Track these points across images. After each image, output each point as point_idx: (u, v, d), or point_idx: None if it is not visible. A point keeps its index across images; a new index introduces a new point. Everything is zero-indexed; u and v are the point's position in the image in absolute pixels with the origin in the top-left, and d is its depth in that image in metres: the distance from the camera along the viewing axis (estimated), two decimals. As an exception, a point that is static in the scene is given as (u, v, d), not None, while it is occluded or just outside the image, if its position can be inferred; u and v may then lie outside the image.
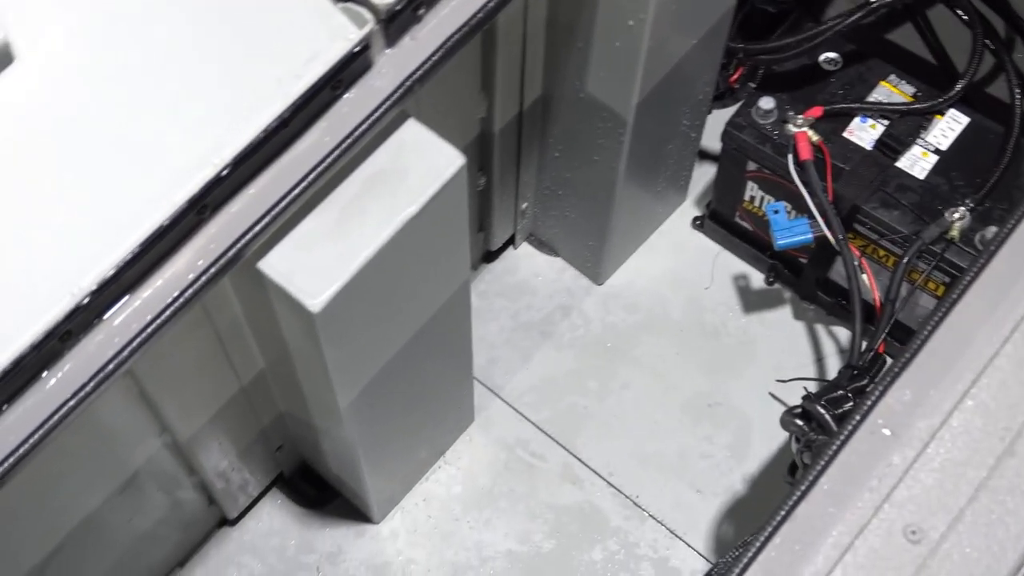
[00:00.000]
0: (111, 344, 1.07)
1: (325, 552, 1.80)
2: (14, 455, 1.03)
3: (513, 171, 1.77)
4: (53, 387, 1.05)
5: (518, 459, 1.86)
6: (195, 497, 1.68)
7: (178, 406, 1.40)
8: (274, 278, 1.14)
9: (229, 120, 1.10)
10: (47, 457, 1.06)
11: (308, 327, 1.17)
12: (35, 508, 1.34)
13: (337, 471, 1.71)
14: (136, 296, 1.08)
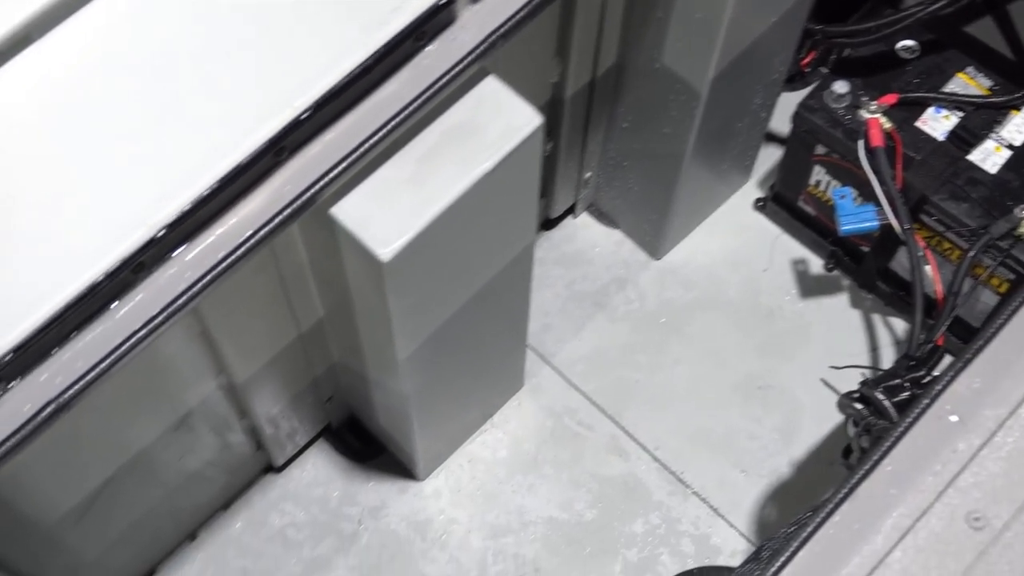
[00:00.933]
0: (182, 279, 1.08)
1: (368, 506, 1.81)
2: (81, 382, 1.04)
3: (580, 139, 1.77)
4: (123, 317, 1.06)
5: (565, 427, 1.86)
6: (244, 441, 1.70)
7: (237, 348, 1.41)
8: (346, 225, 1.14)
9: (312, 65, 1.10)
10: (108, 389, 1.07)
11: (376, 276, 1.18)
12: (93, 438, 1.36)
13: (386, 426, 1.72)
14: (210, 233, 1.09)
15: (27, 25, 1.09)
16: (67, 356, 1.05)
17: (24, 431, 1.02)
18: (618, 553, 1.78)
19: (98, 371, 1.05)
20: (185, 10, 1.11)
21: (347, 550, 1.78)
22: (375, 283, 1.20)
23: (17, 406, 1.03)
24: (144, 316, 1.06)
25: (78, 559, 1.54)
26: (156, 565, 1.77)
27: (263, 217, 1.09)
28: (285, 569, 1.77)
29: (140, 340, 1.06)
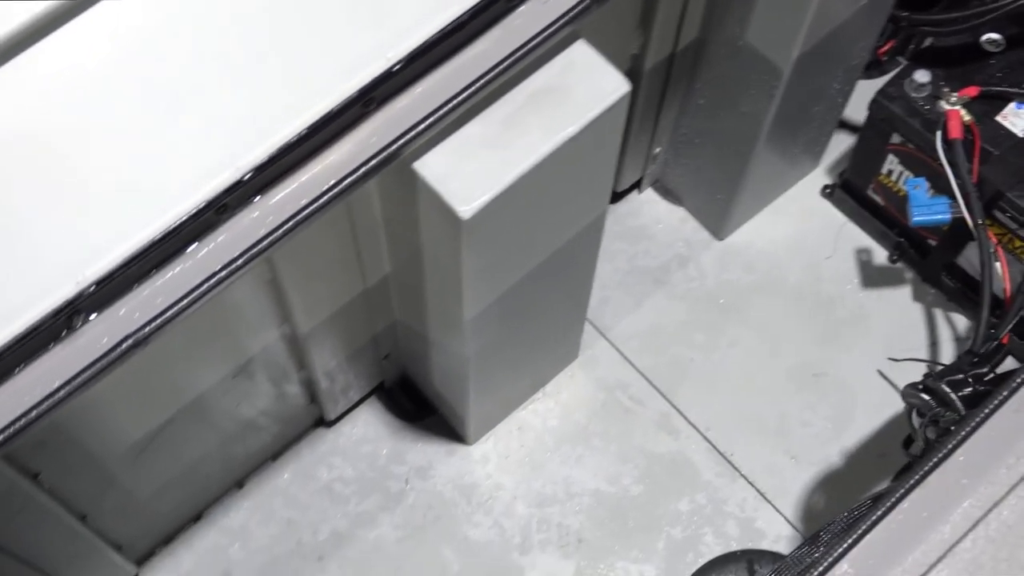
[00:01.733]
0: (263, 223, 1.08)
1: (415, 465, 1.82)
2: (159, 319, 1.05)
3: (653, 113, 1.76)
4: (203, 258, 1.07)
5: (616, 401, 1.86)
6: (299, 393, 1.70)
7: (303, 299, 1.41)
8: (428, 181, 1.14)
9: (406, 17, 1.10)
10: (177, 331, 1.07)
11: (453, 234, 1.17)
12: (158, 378, 1.37)
13: (439, 387, 1.72)
14: (293, 180, 1.09)
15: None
16: (146, 292, 1.05)
17: (100, 364, 1.03)
18: (662, 530, 1.77)
19: (176, 310, 1.05)
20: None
21: (392, 508, 1.79)
22: (451, 241, 1.20)
23: (96, 339, 1.03)
24: (224, 258, 1.07)
25: (131, 497, 1.56)
26: (203, 510, 1.79)
27: (347, 167, 1.09)
28: (330, 523, 1.78)
29: (218, 282, 1.06)
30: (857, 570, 0.96)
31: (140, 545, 1.72)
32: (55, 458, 1.34)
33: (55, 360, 1.03)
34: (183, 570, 1.76)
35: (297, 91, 1.07)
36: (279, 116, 1.06)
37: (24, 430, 1.02)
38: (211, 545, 1.78)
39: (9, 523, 1.32)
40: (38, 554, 1.43)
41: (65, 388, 1.03)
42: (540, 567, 1.75)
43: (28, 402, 1.02)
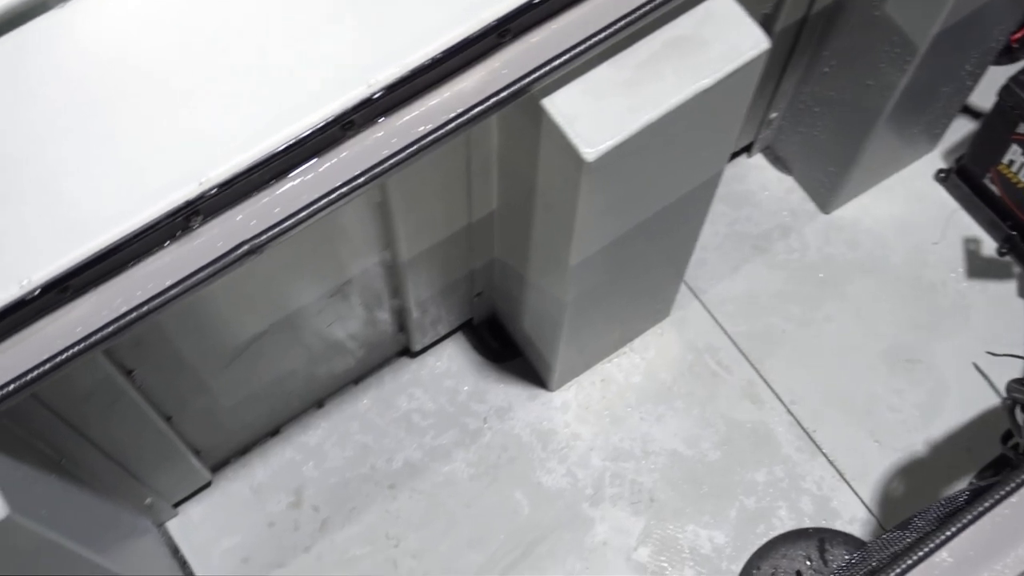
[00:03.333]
0: (387, 144, 1.07)
1: (495, 406, 1.81)
2: (275, 228, 1.05)
3: (775, 77, 1.72)
4: (323, 172, 1.06)
5: (704, 365, 1.84)
6: (389, 321, 1.70)
7: (408, 227, 1.41)
8: (555, 118, 1.13)
9: (550, -49, 1.08)
10: (286, 243, 1.07)
11: (574, 176, 1.16)
12: (259, 290, 1.37)
13: (529, 330, 1.71)
14: (422, 104, 1.08)
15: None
16: (265, 201, 1.05)
17: (212, 268, 1.03)
18: (736, 498, 1.76)
19: (292, 221, 1.05)
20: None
21: (468, 445, 1.79)
22: (570, 183, 1.18)
23: (211, 242, 1.04)
24: (344, 175, 1.06)
25: (215, 404, 1.57)
26: (282, 425, 1.80)
27: (476, 96, 1.08)
28: (405, 452, 1.79)
29: (336, 199, 1.06)
30: (957, 559, 0.94)
31: (217, 452, 1.74)
32: (150, 357, 1.35)
33: (169, 259, 1.04)
34: (256, 481, 1.78)
35: (436, 14, 1.06)
36: (415, 38, 1.05)
37: (131, 325, 1.02)
38: (286, 460, 1.79)
39: (101, 417, 1.34)
40: (123, 450, 1.45)
41: (176, 288, 1.03)
42: (609, 520, 1.74)
43: (139, 297, 1.02)
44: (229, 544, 1.75)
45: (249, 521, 1.76)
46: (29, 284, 0.98)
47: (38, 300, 0.99)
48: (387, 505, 1.76)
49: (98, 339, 1.02)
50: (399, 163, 1.07)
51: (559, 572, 1.72)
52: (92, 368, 1.25)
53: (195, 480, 1.72)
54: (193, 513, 1.76)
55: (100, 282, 1.02)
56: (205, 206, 1.03)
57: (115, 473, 1.48)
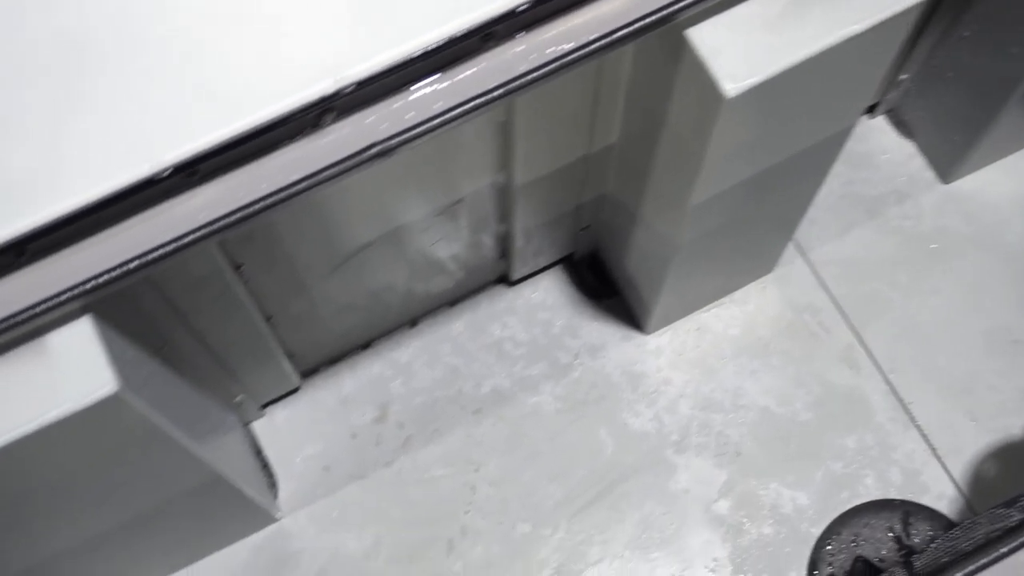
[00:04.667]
0: (525, 59, 1.05)
1: (588, 343, 1.80)
2: (406, 134, 1.04)
3: (911, 37, 1.67)
4: (460, 81, 1.05)
5: (803, 324, 1.81)
6: (492, 246, 1.69)
7: (527, 150, 1.39)
8: (698, 49, 1.10)
9: None
10: (406, 155, 1.06)
11: (709, 111, 1.13)
12: (372, 200, 1.37)
13: (632, 270, 1.69)
14: (564, 22, 1.06)
15: None
16: (398, 105, 1.04)
17: (340, 167, 1.03)
18: (823, 462, 1.73)
19: (423, 128, 1.04)
20: None
21: (557, 379, 1.78)
22: (706, 119, 1.15)
23: (341, 141, 1.03)
24: (479, 87, 1.05)
25: (315, 310, 1.57)
26: (374, 340, 1.80)
27: (621, 20, 1.06)
28: (493, 379, 1.78)
29: (469, 109, 1.05)
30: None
31: (309, 359, 1.75)
32: (260, 255, 1.36)
33: (297, 154, 1.03)
34: (344, 392, 1.79)
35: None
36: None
37: (253, 216, 1.02)
38: (375, 375, 1.80)
39: (206, 307, 1.35)
40: (222, 344, 1.46)
41: (301, 183, 1.03)
42: (692, 469, 1.73)
43: (263, 189, 1.02)
44: (311, 451, 1.76)
45: (333, 430, 1.77)
46: (160, 164, 0.98)
47: (167, 180, 0.99)
48: (471, 430, 1.76)
49: (220, 227, 1.02)
50: (535, 80, 1.05)
51: (637, 514, 1.71)
52: (205, 257, 1.25)
53: (285, 384, 1.73)
54: (279, 416, 1.78)
55: (228, 170, 1.02)
56: (339, 104, 1.02)
57: (211, 367, 1.49)
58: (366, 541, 1.71)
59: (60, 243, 1.00)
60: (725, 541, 1.69)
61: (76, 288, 0.99)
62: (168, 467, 1.27)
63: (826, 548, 1.69)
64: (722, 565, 1.68)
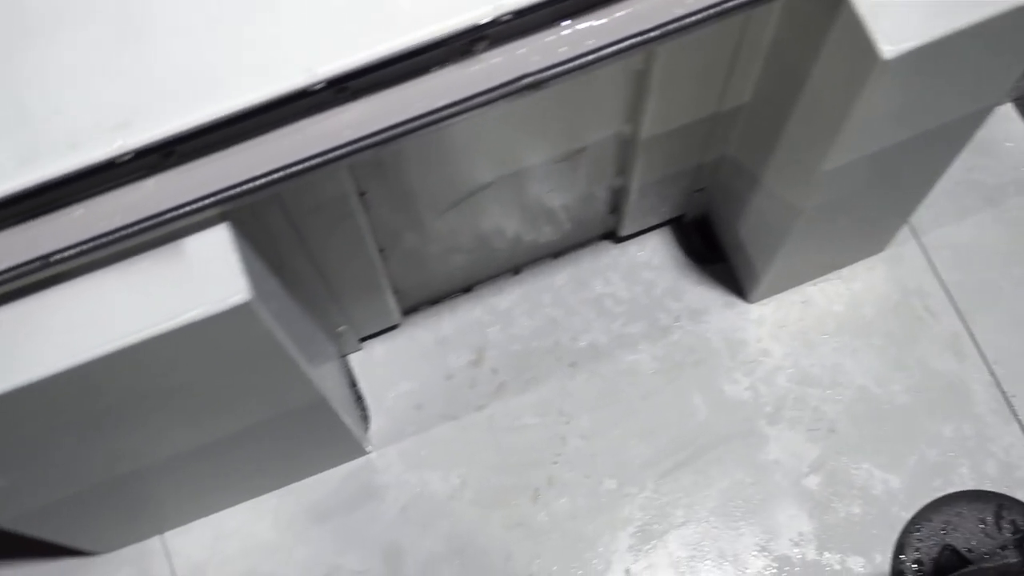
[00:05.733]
0: (681, 3, 1.04)
1: (690, 306, 1.79)
2: (555, 68, 1.03)
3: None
4: (616, 20, 1.04)
5: (910, 307, 1.78)
6: (604, 200, 1.69)
7: (658, 103, 1.38)
8: (859, 8, 1.08)
9: None
10: (538, 98, 1.05)
11: (861, 73, 1.11)
12: (500, 139, 1.37)
13: (744, 236, 1.67)
14: (723, -31, 1.04)
15: None
16: (551, 39, 1.04)
17: (489, 95, 1.03)
18: (917, 447, 1.71)
19: (575, 64, 1.03)
20: None
21: (656, 340, 1.77)
22: (855, 81, 1.13)
23: (492, 70, 1.03)
24: (634, 27, 1.04)
25: (425, 248, 1.58)
26: (476, 284, 1.81)
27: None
28: (592, 334, 1.78)
29: (625, 48, 1.04)
30: None
31: (412, 297, 1.75)
32: (384, 184, 1.36)
33: (446, 79, 1.03)
34: (442, 333, 1.79)
35: None
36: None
37: (396, 139, 1.02)
38: (473, 319, 1.80)
39: (325, 232, 1.35)
40: (334, 271, 1.47)
41: (446, 110, 1.02)
42: (784, 442, 1.72)
43: (409, 112, 1.02)
44: (405, 388, 1.77)
45: (428, 370, 1.78)
46: (314, 76, 0.99)
47: (318, 94, 1.00)
48: (565, 382, 1.76)
49: (363, 146, 1.02)
50: (690, 26, 1.04)
51: (725, 481, 1.70)
52: (335, 180, 1.26)
53: (386, 319, 1.74)
54: (376, 351, 1.79)
55: (376, 90, 1.02)
56: (493, 32, 1.01)
57: (321, 294, 1.50)
58: (452, 482, 1.72)
59: (207, 148, 1.01)
60: (812, 517, 1.68)
61: (218, 194, 1.00)
62: (280, 384, 1.29)
63: (914, 533, 1.67)
64: (807, 540, 1.67)
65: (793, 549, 1.67)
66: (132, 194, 1.00)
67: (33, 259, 0.98)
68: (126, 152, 0.97)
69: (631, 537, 1.68)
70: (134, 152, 0.97)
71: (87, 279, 1.03)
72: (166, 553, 1.71)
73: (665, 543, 1.68)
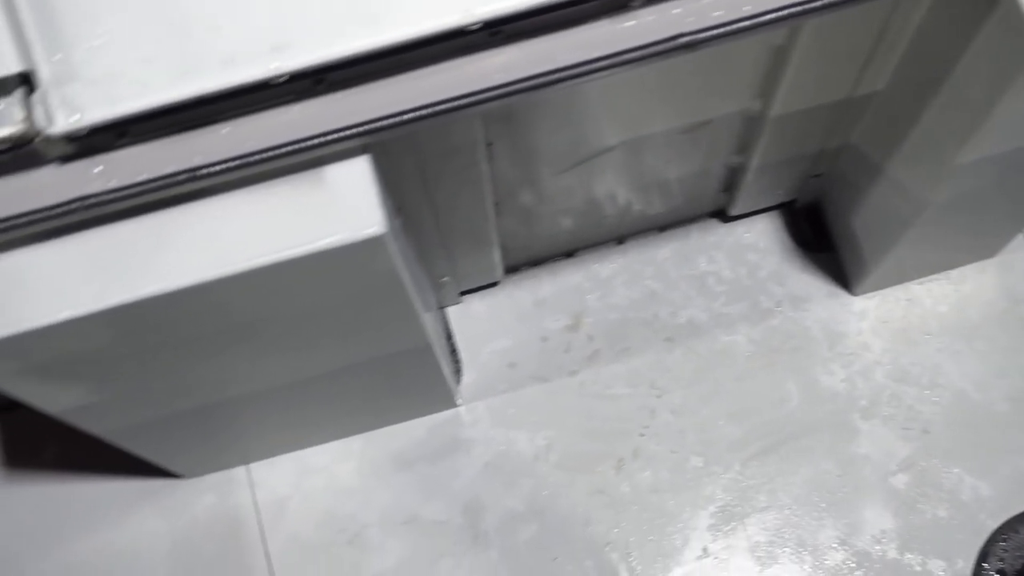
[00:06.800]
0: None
1: (793, 293, 1.78)
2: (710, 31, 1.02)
3: None
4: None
5: (1018, 315, 1.76)
6: (719, 176, 1.68)
7: (795, 81, 1.36)
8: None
9: None
10: (673, 65, 1.05)
11: (1014, 65, 1.09)
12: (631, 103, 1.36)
13: (859, 227, 1.65)
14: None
15: None
16: (706, 1, 1.03)
17: (640, 52, 1.02)
18: (1012, 456, 1.69)
19: (730, 28, 1.03)
20: None
21: (755, 323, 1.76)
22: (1006, 72, 1.11)
23: (645, 28, 1.02)
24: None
25: (537, 207, 1.58)
26: (579, 250, 1.81)
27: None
28: (691, 311, 1.78)
29: (776, 19, 1.03)
30: None
31: (516, 256, 1.76)
32: (511, 137, 1.36)
33: (599, 32, 1.03)
34: (540, 295, 1.80)
35: None
36: None
37: (544, 87, 1.03)
38: (573, 284, 1.80)
39: (448, 179, 1.36)
40: (449, 220, 1.48)
41: (596, 63, 1.02)
42: (875, 438, 1.70)
43: (560, 61, 1.02)
44: (500, 346, 1.78)
45: (524, 330, 1.78)
46: (471, 16, 0.99)
47: (472, 35, 1.00)
48: (660, 356, 1.76)
49: (510, 91, 1.02)
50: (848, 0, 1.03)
51: (811, 470, 1.69)
52: (467, 126, 1.26)
53: (489, 275, 1.74)
54: (475, 307, 1.80)
55: (529, 36, 1.02)
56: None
57: (432, 241, 1.51)
58: (538, 443, 1.73)
59: (357, 79, 1.01)
60: (897, 516, 1.67)
61: (365, 125, 1.01)
62: (392, 324, 1.30)
63: (1000, 543, 1.65)
64: (889, 538, 1.66)
65: (874, 546, 1.65)
66: (280, 117, 1.01)
67: (181, 171, 0.99)
68: (281, 74, 0.98)
69: (712, 516, 1.68)
70: (288, 75, 0.98)
71: (226, 197, 1.05)
72: (250, 484, 1.74)
73: (745, 526, 1.68)
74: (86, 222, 1.04)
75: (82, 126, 0.96)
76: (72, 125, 0.96)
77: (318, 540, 1.71)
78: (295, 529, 1.71)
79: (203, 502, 1.74)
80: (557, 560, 1.67)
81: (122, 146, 1.00)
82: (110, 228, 1.04)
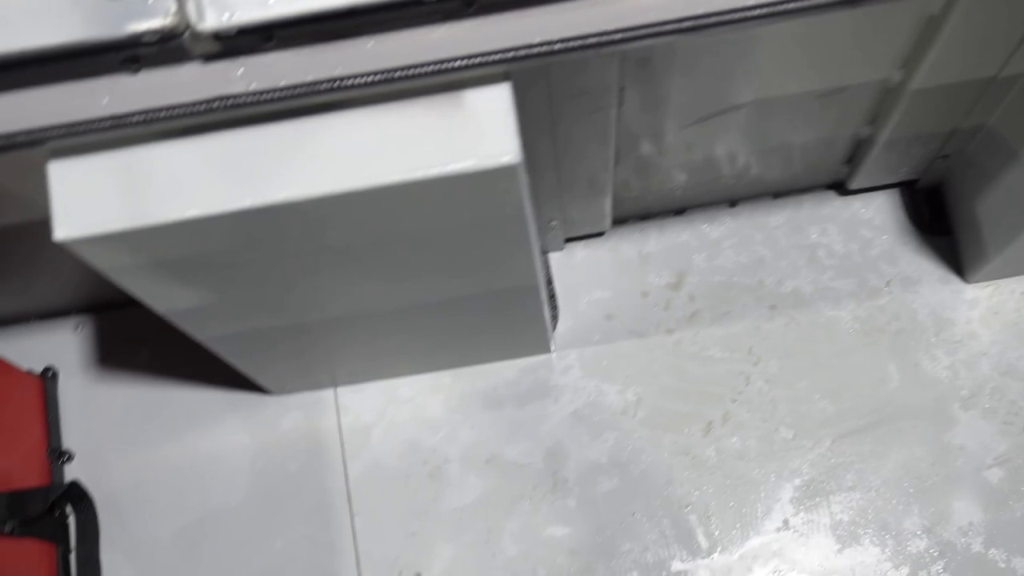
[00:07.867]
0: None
1: (904, 274, 1.74)
2: None
3: None
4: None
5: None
6: (844, 148, 1.64)
7: (942, 53, 1.32)
8: None
9: None
10: (823, 23, 1.02)
11: None
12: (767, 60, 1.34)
13: (984, 213, 1.61)
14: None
15: None
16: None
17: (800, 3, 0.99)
18: (1098, 467, 1.65)
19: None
20: None
21: (861, 301, 1.73)
22: None
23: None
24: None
25: (656, 159, 1.56)
26: (689, 208, 1.78)
27: None
28: (797, 281, 1.75)
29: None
30: None
31: (626, 208, 1.74)
32: (644, 82, 1.34)
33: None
34: (646, 250, 1.78)
35: None
36: None
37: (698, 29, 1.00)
38: (680, 243, 1.78)
39: (575, 120, 1.34)
40: (569, 162, 1.46)
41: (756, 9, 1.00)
42: (972, 429, 1.67)
43: (716, 6, 0.99)
44: (599, 296, 1.76)
45: (625, 283, 1.77)
46: (634, -51, 0.97)
47: (631, -30, 0.98)
48: (761, 323, 1.73)
49: (660, 31, 1.00)
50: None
51: (903, 455, 1.66)
52: (603, 67, 1.24)
53: (597, 224, 1.73)
54: (578, 254, 1.78)
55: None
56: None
57: (550, 181, 1.50)
58: (627, 397, 1.71)
59: (506, 4, 0.99)
60: (987, 510, 1.63)
61: (512, 51, 0.99)
62: (507, 258, 1.29)
63: (1091, 549, 1.61)
64: (976, 532, 1.62)
65: (960, 538, 1.62)
66: (426, 36, 1.00)
67: (322, 80, 0.99)
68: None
69: (796, 490, 1.66)
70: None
71: (363, 112, 1.04)
72: (336, 407, 1.75)
73: (829, 503, 1.65)
74: (223, 123, 1.03)
75: (231, 25, 0.96)
76: (222, 23, 0.95)
77: (398, 469, 1.71)
78: (376, 456, 1.72)
79: (289, 420, 1.75)
80: (635, 516, 1.66)
81: (266, 50, 1.00)
82: (245, 131, 1.04)
